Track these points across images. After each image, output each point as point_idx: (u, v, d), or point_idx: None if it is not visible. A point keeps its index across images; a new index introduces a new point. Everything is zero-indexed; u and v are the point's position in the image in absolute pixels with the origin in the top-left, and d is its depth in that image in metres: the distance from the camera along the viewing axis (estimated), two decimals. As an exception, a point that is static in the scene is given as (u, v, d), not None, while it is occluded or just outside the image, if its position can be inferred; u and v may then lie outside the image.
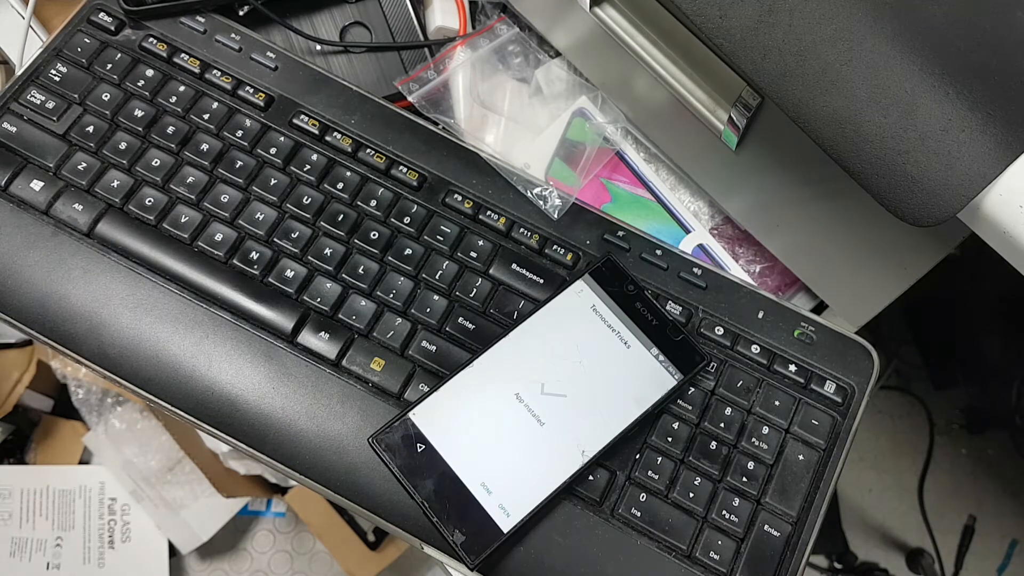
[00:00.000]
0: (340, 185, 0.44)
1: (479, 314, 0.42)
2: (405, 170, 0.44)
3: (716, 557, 0.38)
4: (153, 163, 0.43)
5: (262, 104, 0.45)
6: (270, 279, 0.42)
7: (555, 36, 0.49)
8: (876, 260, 0.42)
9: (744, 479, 0.39)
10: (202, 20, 0.47)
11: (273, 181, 0.44)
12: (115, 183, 0.42)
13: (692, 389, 0.41)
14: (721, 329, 0.42)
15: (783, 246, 0.46)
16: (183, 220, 0.42)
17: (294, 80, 0.46)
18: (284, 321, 0.41)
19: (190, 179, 0.43)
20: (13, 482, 1.00)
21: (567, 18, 0.46)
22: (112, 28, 0.46)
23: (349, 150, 0.45)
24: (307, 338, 0.41)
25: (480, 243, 0.43)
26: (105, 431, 0.99)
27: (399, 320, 0.41)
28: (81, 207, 0.42)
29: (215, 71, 0.45)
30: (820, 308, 0.48)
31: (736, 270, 0.48)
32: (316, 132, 0.45)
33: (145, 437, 0.99)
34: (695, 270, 0.44)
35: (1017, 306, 0.93)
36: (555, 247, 0.44)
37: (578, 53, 0.49)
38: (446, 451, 0.37)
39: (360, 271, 0.42)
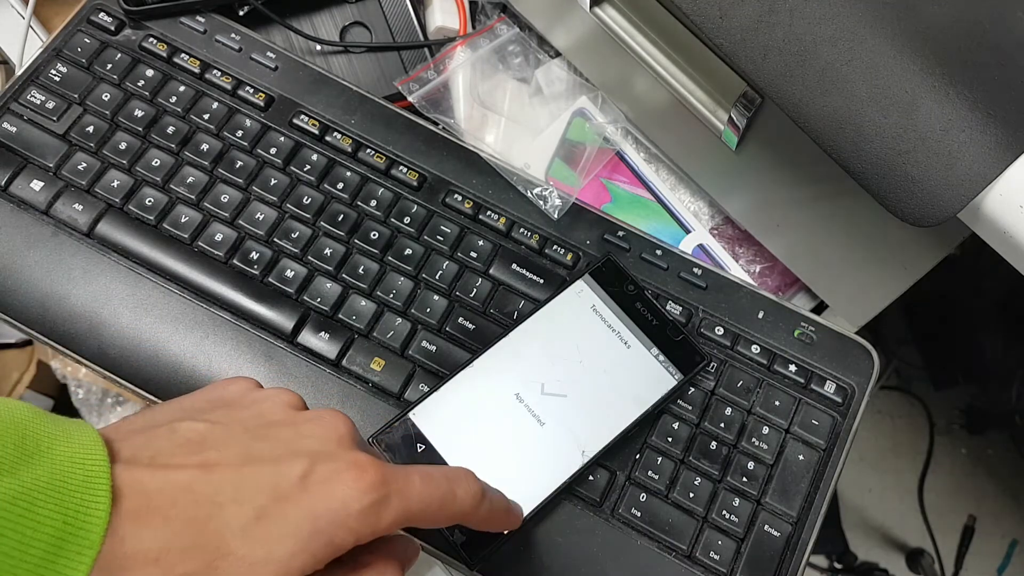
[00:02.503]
0: (340, 185, 0.44)
1: (479, 314, 0.42)
2: (405, 170, 0.44)
3: (716, 557, 0.38)
4: (153, 163, 0.43)
5: (262, 104, 0.45)
6: (270, 279, 0.42)
7: (555, 36, 0.49)
8: (876, 260, 0.42)
9: (744, 479, 0.39)
10: (202, 20, 0.47)
11: (273, 181, 0.44)
12: (115, 183, 0.42)
13: (692, 389, 0.41)
14: (721, 329, 0.42)
15: (783, 246, 0.46)
16: (183, 220, 0.42)
17: (294, 80, 0.46)
18: (284, 321, 0.41)
19: (190, 179, 0.43)
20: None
21: (567, 18, 0.46)
22: (112, 28, 0.46)
23: (349, 150, 0.45)
24: (307, 338, 0.41)
25: (480, 243, 0.43)
26: (105, 431, 0.99)
27: (399, 320, 0.41)
28: (81, 207, 0.42)
29: (215, 71, 0.45)
30: (820, 308, 0.48)
31: (736, 270, 0.48)
32: (316, 132, 0.45)
33: (145, 437, 0.99)
34: (695, 270, 0.44)
35: (1017, 306, 0.93)
36: (555, 247, 0.44)
37: (578, 53, 0.49)
38: (446, 451, 0.37)
39: (360, 271, 0.42)
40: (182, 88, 0.45)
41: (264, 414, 0.28)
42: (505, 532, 0.36)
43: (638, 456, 0.40)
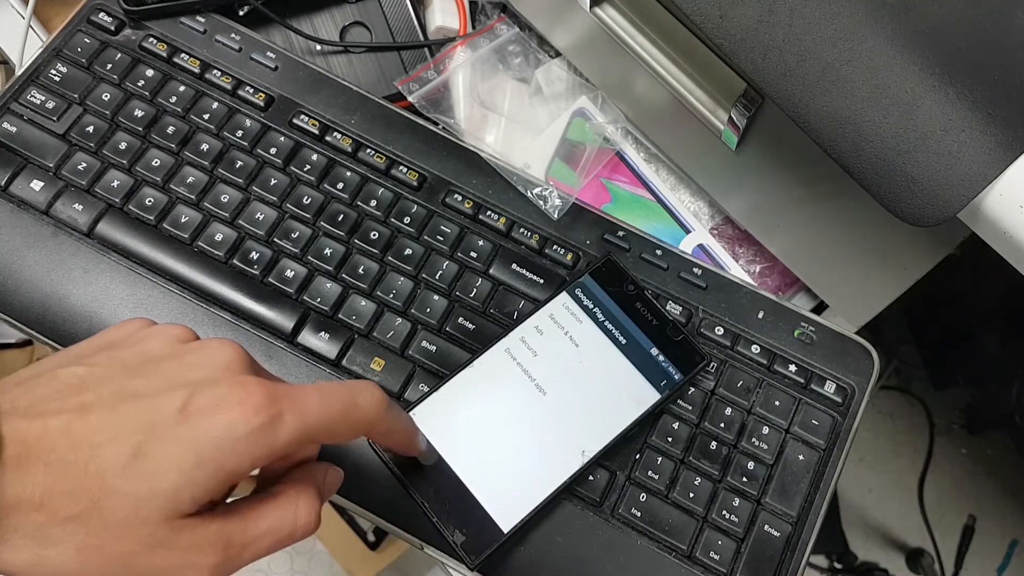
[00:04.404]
0: (340, 185, 0.44)
1: (479, 314, 0.42)
2: (405, 170, 0.44)
3: (716, 557, 0.38)
4: (153, 163, 0.43)
5: (262, 104, 0.45)
6: (270, 279, 0.42)
7: (555, 36, 0.49)
8: (876, 260, 0.42)
9: (744, 479, 0.39)
10: (202, 20, 0.47)
11: (273, 181, 0.44)
12: (115, 183, 0.42)
13: (692, 389, 0.41)
14: (721, 329, 0.42)
15: (783, 246, 0.46)
16: (183, 220, 0.42)
17: (294, 80, 0.46)
18: (284, 321, 0.41)
19: (190, 179, 0.43)
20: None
21: (567, 18, 0.46)
22: (112, 28, 0.46)
23: (349, 150, 0.45)
24: (307, 338, 0.41)
25: (480, 243, 0.43)
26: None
27: (399, 320, 0.41)
28: (81, 207, 0.42)
29: (215, 71, 0.45)
30: (820, 308, 0.48)
31: (736, 270, 0.48)
32: (316, 132, 0.45)
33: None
34: (695, 270, 0.44)
35: (1017, 306, 0.92)
36: (555, 247, 0.44)
37: (578, 53, 0.49)
38: (446, 451, 0.37)
39: (360, 271, 0.42)
40: (182, 88, 0.45)
41: (148, 351, 0.28)
42: (504, 532, 0.36)
43: (638, 456, 0.40)
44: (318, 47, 0.49)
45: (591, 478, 0.39)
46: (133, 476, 0.24)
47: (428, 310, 0.42)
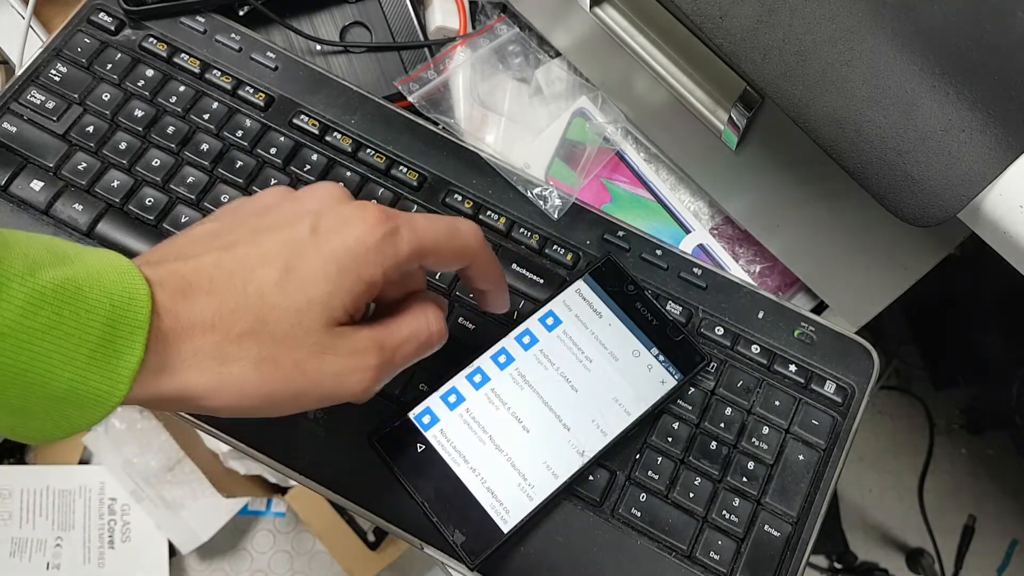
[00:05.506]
0: (340, 185, 0.44)
1: (479, 314, 0.42)
2: (405, 170, 0.44)
3: (716, 557, 0.38)
4: (153, 163, 0.43)
5: (262, 104, 0.45)
6: (270, 279, 0.42)
7: (555, 36, 0.49)
8: (876, 260, 0.42)
9: (744, 479, 0.39)
10: (202, 20, 0.47)
11: (273, 181, 0.44)
12: (115, 183, 0.42)
13: (692, 389, 0.41)
14: (721, 329, 0.42)
15: (783, 246, 0.46)
16: (183, 220, 0.42)
17: (294, 80, 0.46)
18: (284, 321, 0.41)
19: (190, 179, 0.43)
20: (13, 482, 1.00)
21: (567, 18, 0.46)
22: (112, 28, 0.46)
23: (349, 150, 0.45)
24: (307, 338, 0.41)
25: (480, 243, 0.43)
26: (105, 431, 0.99)
27: (399, 320, 0.41)
28: (81, 207, 0.42)
29: (215, 71, 0.45)
30: (820, 308, 0.48)
31: (736, 270, 0.48)
32: (316, 132, 0.45)
33: (145, 437, 0.99)
34: (695, 270, 0.44)
35: (1017, 306, 0.93)
36: (555, 247, 0.44)
37: (578, 53, 0.49)
38: (446, 451, 0.37)
39: (360, 271, 0.42)
40: (182, 88, 0.45)
41: (266, 202, 0.30)
42: (504, 532, 0.36)
43: (638, 456, 0.40)
44: (318, 47, 0.49)
45: (591, 478, 0.39)
46: (288, 290, 0.26)
47: (428, 310, 0.42)
